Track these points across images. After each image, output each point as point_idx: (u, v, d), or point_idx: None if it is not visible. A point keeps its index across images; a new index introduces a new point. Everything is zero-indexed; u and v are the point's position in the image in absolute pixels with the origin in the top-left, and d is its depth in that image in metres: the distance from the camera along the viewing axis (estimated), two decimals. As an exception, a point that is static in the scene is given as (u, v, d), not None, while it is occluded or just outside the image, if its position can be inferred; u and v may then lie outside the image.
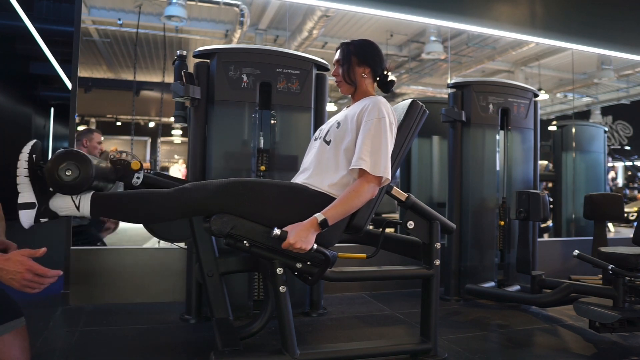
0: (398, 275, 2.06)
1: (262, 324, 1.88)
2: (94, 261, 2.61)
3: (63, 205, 1.47)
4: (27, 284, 1.12)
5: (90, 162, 1.43)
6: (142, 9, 5.62)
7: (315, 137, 1.86)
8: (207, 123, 2.35)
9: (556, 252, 3.64)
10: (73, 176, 1.40)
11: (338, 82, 1.83)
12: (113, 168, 1.61)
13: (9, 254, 1.14)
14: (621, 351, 2.04)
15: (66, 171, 1.40)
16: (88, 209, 1.47)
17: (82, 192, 1.45)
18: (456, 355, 1.91)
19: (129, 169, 1.62)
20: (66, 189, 1.42)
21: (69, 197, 1.46)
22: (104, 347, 1.93)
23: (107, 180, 1.58)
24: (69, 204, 1.47)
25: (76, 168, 1.40)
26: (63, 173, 1.40)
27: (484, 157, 2.91)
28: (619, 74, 7.28)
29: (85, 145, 3.23)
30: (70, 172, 1.40)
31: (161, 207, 1.52)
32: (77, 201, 1.46)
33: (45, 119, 9.74)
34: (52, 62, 7.51)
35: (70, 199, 1.46)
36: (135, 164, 1.62)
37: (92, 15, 5.84)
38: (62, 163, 1.40)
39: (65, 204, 1.47)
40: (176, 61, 2.29)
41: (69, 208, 1.47)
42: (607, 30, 4.45)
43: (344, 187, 1.62)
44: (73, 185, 1.41)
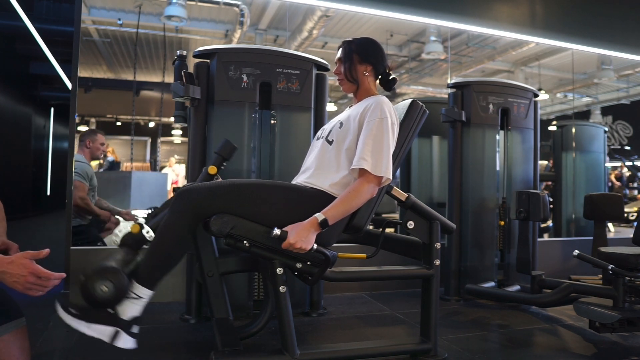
0: (398, 275, 2.06)
1: (262, 324, 1.88)
2: (94, 261, 2.58)
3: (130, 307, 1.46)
4: (30, 286, 1.12)
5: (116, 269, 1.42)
6: (142, 9, 5.63)
7: (318, 136, 1.86)
8: (207, 123, 2.35)
9: (556, 252, 3.65)
10: (110, 289, 1.40)
11: (340, 81, 1.83)
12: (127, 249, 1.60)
13: (12, 256, 1.14)
14: (621, 351, 2.04)
15: (101, 289, 1.39)
16: (145, 290, 1.48)
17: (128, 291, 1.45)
18: (456, 355, 1.91)
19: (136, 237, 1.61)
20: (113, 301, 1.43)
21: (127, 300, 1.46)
22: (104, 347, 1.92)
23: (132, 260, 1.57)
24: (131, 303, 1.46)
25: (108, 282, 1.40)
26: (101, 292, 1.39)
27: (484, 157, 2.91)
28: (619, 74, 7.29)
29: (88, 146, 3.23)
30: (105, 287, 1.39)
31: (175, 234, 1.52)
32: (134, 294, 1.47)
33: (45, 119, 9.75)
34: (52, 62, 7.51)
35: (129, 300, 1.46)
36: (134, 229, 1.61)
37: (92, 15, 5.85)
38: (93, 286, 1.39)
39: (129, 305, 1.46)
40: (176, 61, 2.29)
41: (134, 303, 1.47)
42: (607, 30, 4.45)
43: (345, 187, 1.62)
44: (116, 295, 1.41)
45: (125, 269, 1.47)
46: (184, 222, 1.53)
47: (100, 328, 1.41)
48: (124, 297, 1.45)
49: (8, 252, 1.33)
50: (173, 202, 1.55)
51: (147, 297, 1.49)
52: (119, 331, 1.43)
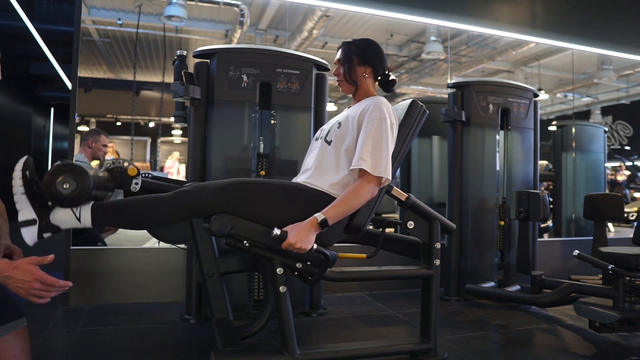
0: (398, 275, 2.06)
1: (262, 324, 1.88)
2: (94, 261, 2.61)
3: (64, 218, 1.46)
4: (35, 292, 1.12)
5: (87, 174, 1.42)
6: (142, 9, 5.62)
7: (317, 137, 1.86)
8: (207, 123, 2.35)
9: (556, 252, 3.64)
10: (71, 189, 1.39)
11: (339, 82, 1.83)
12: (110, 176, 1.60)
13: (17, 261, 1.14)
14: (621, 351, 2.04)
15: (64, 184, 1.38)
16: (89, 220, 1.46)
17: (81, 203, 1.45)
18: (456, 355, 1.91)
19: (126, 175, 1.61)
20: (65, 202, 1.41)
21: (69, 210, 1.45)
22: (104, 347, 1.93)
23: (105, 189, 1.57)
24: (70, 216, 1.46)
25: (73, 180, 1.39)
26: (61, 186, 1.38)
27: (484, 157, 2.91)
28: (619, 74, 7.28)
29: (91, 146, 3.22)
30: (68, 184, 1.38)
31: (161, 211, 1.52)
32: (78, 213, 1.46)
33: (45, 119, 9.75)
34: (52, 62, 7.51)
35: (71, 211, 1.45)
36: (132, 170, 1.61)
37: (92, 15, 5.84)
38: (59, 176, 1.39)
39: (66, 216, 1.46)
40: (176, 61, 2.29)
41: (70, 220, 1.46)
42: (607, 30, 4.45)
43: (344, 187, 1.62)
44: (72, 197, 1.40)
45: (94, 190, 1.46)
46: (177, 213, 1.53)
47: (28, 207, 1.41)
48: (71, 205, 1.43)
49: (12, 257, 1.33)
50: (179, 192, 1.55)
51: (82, 225, 1.47)
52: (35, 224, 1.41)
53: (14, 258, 1.32)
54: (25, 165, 1.42)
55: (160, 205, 1.52)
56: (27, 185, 1.41)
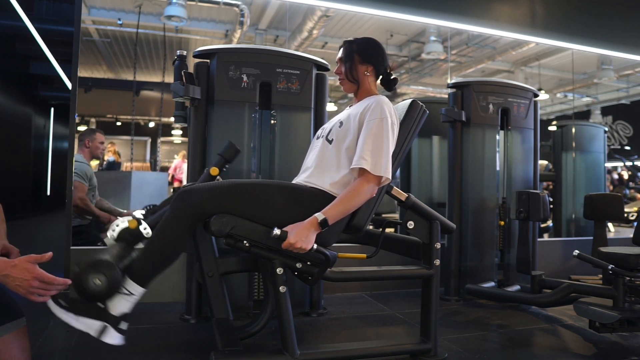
0: (398, 275, 2.06)
1: (262, 324, 1.88)
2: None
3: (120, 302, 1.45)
4: (34, 291, 1.12)
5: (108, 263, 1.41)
6: (142, 9, 5.63)
7: (318, 135, 1.86)
8: (207, 123, 2.35)
9: (556, 252, 3.64)
10: (104, 283, 1.38)
11: (341, 80, 1.83)
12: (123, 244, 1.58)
13: (15, 260, 1.14)
14: (621, 351, 2.04)
15: (94, 282, 1.38)
16: (137, 286, 1.47)
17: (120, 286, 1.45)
18: (456, 355, 1.91)
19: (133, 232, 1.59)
20: (106, 294, 1.41)
21: (117, 295, 1.45)
22: (103, 348, 1.92)
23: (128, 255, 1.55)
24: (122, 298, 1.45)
25: (101, 274, 1.38)
26: (94, 285, 1.37)
27: (484, 157, 2.91)
28: (619, 74, 7.29)
29: (88, 146, 3.23)
30: (99, 280, 1.38)
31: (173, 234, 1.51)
32: (125, 290, 1.46)
33: (45, 119, 9.75)
34: (52, 62, 7.51)
35: (120, 296, 1.45)
36: (132, 224, 1.59)
37: (92, 15, 5.85)
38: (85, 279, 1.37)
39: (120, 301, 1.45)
40: (176, 61, 2.29)
41: (125, 299, 1.46)
42: (607, 30, 4.45)
43: (345, 186, 1.62)
44: (108, 288, 1.40)
45: (120, 264, 1.46)
46: (183, 223, 1.52)
47: (88, 322, 1.40)
48: (116, 292, 1.43)
49: (8, 256, 1.33)
50: (173, 201, 1.55)
51: (138, 295, 1.48)
52: (107, 326, 1.42)
53: (11, 257, 1.32)
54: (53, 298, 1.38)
55: (168, 230, 1.51)
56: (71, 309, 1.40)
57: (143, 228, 1.60)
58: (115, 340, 1.43)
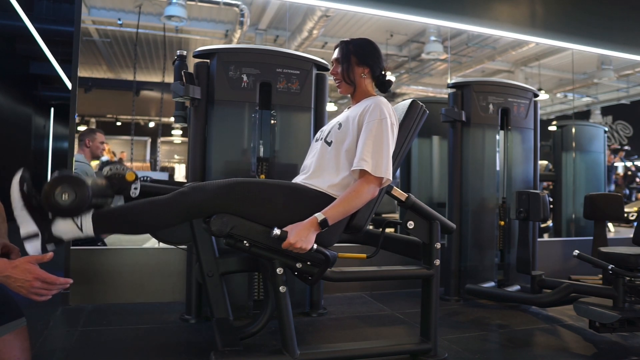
0: (398, 275, 2.06)
1: (262, 324, 1.88)
2: (94, 261, 2.61)
3: (66, 228, 1.45)
4: (35, 291, 1.12)
5: (85, 183, 1.41)
6: (142, 9, 5.63)
7: (317, 138, 1.86)
8: (207, 123, 2.35)
9: (556, 252, 3.64)
10: (70, 199, 1.38)
11: (338, 82, 1.83)
12: (109, 183, 1.59)
13: (16, 260, 1.14)
14: (621, 351, 2.04)
15: (62, 195, 1.38)
16: (91, 228, 1.46)
17: (82, 213, 1.44)
18: (456, 355, 1.91)
19: (125, 181, 1.60)
20: (65, 212, 1.41)
21: (70, 220, 1.45)
22: (104, 347, 1.93)
23: (105, 196, 1.56)
24: (72, 226, 1.45)
25: (72, 190, 1.38)
26: (59, 197, 1.38)
27: (484, 157, 2.91)
28: (619, 74, 7.29)
29: (88, 145, 3.23)
30: (67, 195, 1.38)
31: (162, 214, 1.52)
32: (79, 222, 1.45)
33: (45, 119, 9.75)
34: (52, 62, 7.50)
35: (72, 221, 1.45)
36: (130, 176, 1.60)
37: (92, 15, 5.85)
38: (57, 187, 1.38)
39: (67, 227, 1.45)
40: (176, 61, 2.29)
41: (72, 230, 1.45)
42: (607, 30, 4.45)
43: (344, 188, 1.62)
44: (71, 208, 1.40)
45: (94, 198, 1.45)
46: (177, 214, 1.53)
47: (29, 220, 1.39)
48: (71, 215, 1.43)
49: (9, 255, 1.33)
50: (178, 193, 1.54)
51: (84, 234, 1.46)
52: (38, 236, 1.40)
53: (12, 257, 1.32)
54: (21, 179, 1.41)
55: (160, 207, 1.51)
56: (26, 199, 1.40)
57: (134, 187, 1.61)
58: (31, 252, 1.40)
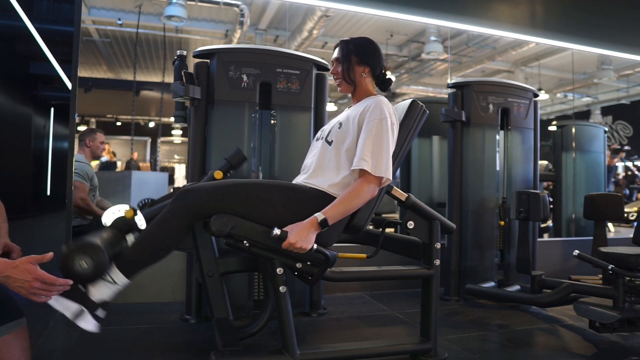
0: (398, 275, 2.06)
1: (262, 324, 1.88)
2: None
3: (102, 290, 1.45)
4: (35, 292, 1.12)
5: (97, 247, 1.40)
6: (142, 9, 5.63)
7: (317, 137, 1.86)
8: (207, 123, 2.35)
9: (556, 252, 3.64)
10: (89, 265, 1.38)
11: (338, 82, 1.83)
12: (115, 231, 1.59)
13: (16, 261, 1.14)
14: (621, 351, 2.04)
15: (80, 264, 1.38)
16: (123, 277, 1.46)
17: (106, 271, 1.44)
18: (456, 355, 1.91)
19: (127, 220, 1.59)
20: (91, 278, 1.41)
21: (101, 281, 1.44)
22: (104, 347, 1.93)
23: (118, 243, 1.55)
24: (105, 285, 1.45)
25: (86, 257, 1.38)
26: (79, 268, 1.37)
27: (484, 157, 2.91)
28: (619, 74, 7.29)
29: (88, 145, 3.23)
30: (84, 262, 1.38)
31: (170, 229, 1.51)
32: (110, 278, 1.45)
33: (45, 119, 9.74)
34: (52, 62, 7.50)
35: (103, 281, 1.45)
36: (128, 213, 1.59)
37: (92, 15, 5.85)
38: (72, 260, 1.37)
39: (102, 288, 1.45)
40: (176, 61, 2.29)
41: (108, 288, 1.45)
42: (607, 30, 4.45)
43: (344, 188, 1.62)
44: (95, 272, 1.40)
45: (109, 251, 1.45)
46: (181, 221, 1.52)
47: (67, 303, 1.38)
48: (100, 278, 1.43)
49: (10, 255, 1.33)
50: (173, 199, 1.54)
51: (122, 285, 1.47)
52: (84, 311, 1.40)
53: (13, 256, 1.32)
54: None
55: (165, 224, 1.51)
56: None
57: (138, 219, 1.61)
58: (90, 326, 1.41)
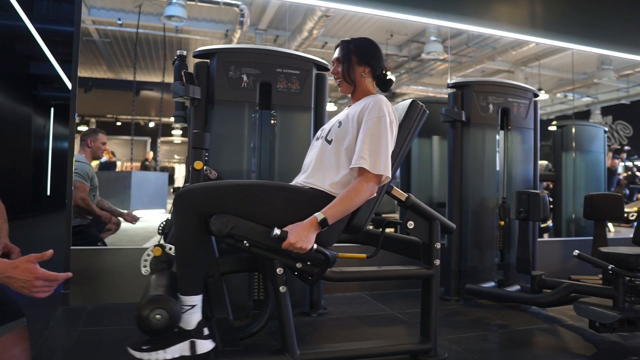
0: (398, 275, 2.06)
1: (262, 324, 1.88)
2: (94, 261, 2.61)
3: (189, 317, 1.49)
4: (37, 290, 1.12)
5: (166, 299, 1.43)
6: (142, 9, 5.63)
7: (317, 136, 1.86)
8: (207, 123, 2.35)
9: (556, 252, 3.64)
10: (164, 318, 1.40)
11: (338, 82, 1.83)
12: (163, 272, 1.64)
13: (16, 261, 1.14)
14: (621, 351, 2.04)
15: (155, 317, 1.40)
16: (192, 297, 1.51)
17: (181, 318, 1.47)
18: (456, 355, 1.91)
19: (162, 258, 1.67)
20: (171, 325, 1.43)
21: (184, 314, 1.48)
22: (104, 347, 1.93)
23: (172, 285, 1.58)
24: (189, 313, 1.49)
25: (162, 310, 1.41)
26: (155, 321, 1.40)
27: (484, 157, 2.91)
28: (619, 74, 7.29)
29: (90, 146, 3.22)
30: (160, 316, 1.40)
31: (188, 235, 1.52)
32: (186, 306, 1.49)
33: (45, 119, 9.75)
34: (52, 62, 7.51)
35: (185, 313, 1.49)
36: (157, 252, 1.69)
37: (92, 15, 5.85)
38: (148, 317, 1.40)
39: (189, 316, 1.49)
40: (176, 61, 2.29)
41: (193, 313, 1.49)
42: (607, 30, 4.45)
43: (344, 186, 1.62)
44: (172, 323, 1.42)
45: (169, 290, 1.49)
46: (191, 223, 1.52)
47: (176, 348, 1.45)
48: (179, 315, 1.46)
49: (9, 256, 1.33)
50: (174, 204, 1.55)
51: (199, 302, 1.51)
52: (194, 341, 1.47)
53: (12, 257, 1.32)
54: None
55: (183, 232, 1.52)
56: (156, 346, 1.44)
57: (168, 249, 1.68)
58: (208, 347, 1.49)
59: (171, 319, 1.42)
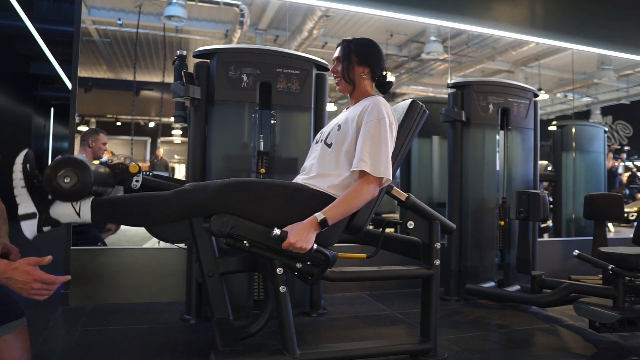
0: (398, 275, 2.06)
1: (262, 324, 1.88)
2: (94, 261, 2.61)
3: (64, 212, 1.46)
4: (36, 292, 1.13)
5: (88, 169, 1.42)
6: (142, 9, 5.63)
7: (317, 140, 1.86)
8: (207, 123, 2.35)
9: (556, 252, 3.64)
10: (72, 183, 1.39)
11: (337, 81, 1.83)
12: (112, 172, 1.60)
13: (16, 262, 1.14)
14: (621, 351, 2.04)
15: (65, 178, 1.38)
16: (89, 215, 1.47)
17: (81, 198, 1.45)
18: (456, 355, 1.91)
19: (128, 172, 1.61)
20: (65, 196, 1.42)
21: (69, 204, 1.45)
22: (104, 347, 1.93)
23: (106, 185, 1.57)
24: (70, 210, 1.46)
25: (75, 175, 1.39)
26: (62, 180, 1.38)
27: (484, 157, 2.91)
28: (619, 74, 7.28)
29: (91, 146, 3.22)
30: (69, 179, 1.39)
31: (161, 209, 1.52)
32: (78, 207, 1.46)
33: (45, 119, 9.75)
34: (52, 62, 7.51)
35: (71, 206, 1.46)
36: (133, 167, 1.61)
37: (92, 15, 5.84)
38: (61, 170, 1.39)
39: (66, 210, 1.46)
40: (176, 61, 2.29)
41: (70, 215, 1.46)
42: (607, 30, 4.45)
43: (345, 189, 1.62)
44: (72, 192, 1.40)
45: (95, 185, 1.46)
46: (173, 212, 1.53)
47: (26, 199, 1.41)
48: (71, 199, 1.44)
49: (9, 256, 1.33)
50: (177, 191, 1.54)
51: (82, 219, 1.47)
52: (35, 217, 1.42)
53: (11, 258, 1.32)
54: (25, 159, 1.43)
55: (160, 202, 1.52)
56: (28, 178, 1.42)
57: (136, 179, 1.62)
58: (27, 232, 1.43)
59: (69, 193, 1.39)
